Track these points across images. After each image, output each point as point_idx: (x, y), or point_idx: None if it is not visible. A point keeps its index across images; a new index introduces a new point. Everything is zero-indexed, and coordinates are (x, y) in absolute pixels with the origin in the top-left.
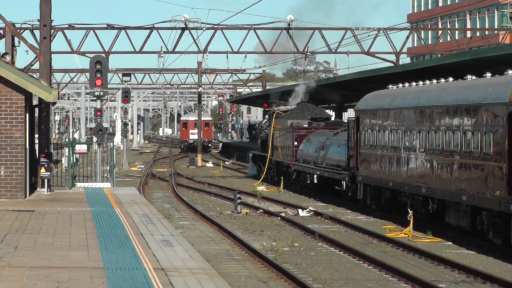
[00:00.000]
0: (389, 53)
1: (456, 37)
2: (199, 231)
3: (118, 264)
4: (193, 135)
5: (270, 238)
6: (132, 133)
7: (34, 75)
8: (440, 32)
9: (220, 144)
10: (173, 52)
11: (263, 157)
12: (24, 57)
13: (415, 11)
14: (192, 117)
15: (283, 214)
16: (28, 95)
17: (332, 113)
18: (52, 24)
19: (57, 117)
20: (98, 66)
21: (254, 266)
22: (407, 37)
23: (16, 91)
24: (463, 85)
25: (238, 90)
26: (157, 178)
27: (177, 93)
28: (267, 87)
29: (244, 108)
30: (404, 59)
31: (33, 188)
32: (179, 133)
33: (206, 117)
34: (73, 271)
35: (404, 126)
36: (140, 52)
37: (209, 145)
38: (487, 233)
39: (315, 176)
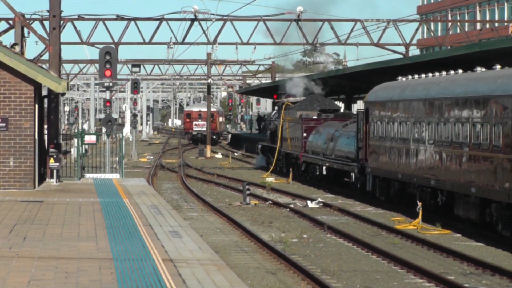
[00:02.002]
0: (399, 44)
1: (466, 29)
2: (208, 222)
3: (127, 255)
4: (197, 126)
5: (279, 230)
6: (141, 124)
7: (44, 66)
8: (449, 24)
9: (229, 136)
10: (182, 43)
11: (272, 148)
12: (33, 47)
13: (425, 3)
14: (195, 108)
15: (292, 206)
16: (37, 86)
17: (341, 105)
18: (62, 15)
19: (67, 108)
20: (108, 57)
21: (263, 257)
22: (417, 29)
23: (26, 82)
24: (473, 77)
25: (248, 81)
26: (166, 169)
27: (186, 84)
28: (277, 79)
29: (253, 99)
30: (414, 51)
31: (42, 179)
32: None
33: (212, 108)
34: (81, 262)
35: (413, 118)
36: (150, 43)
37: (214, 136)
38: (496, 225)
39: (324, 167)
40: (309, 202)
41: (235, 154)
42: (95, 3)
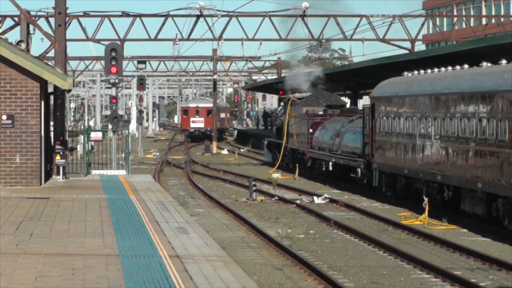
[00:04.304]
0: (404, 40)
1: (472, 24)
2: (214, 219)
3: (134, 251)
4: (195, 123)
5: (285, 226)
6: (147, 120)
7: (49, 63)
8: (455, 19)
9: (235, 132)
10: (188, 39)
11: (278, 144)
12: (39, 44)
13: None
14: (193, 104)
15: (298, 201)
16: (43, 83)
17: (347, 100)
18: (67, 11)
19: (72, 105)
20: (113, 54)
21: (270, 253)
22: (422, 24)
23: (31, 79)
24: (479, 72)
25: (253, 77)
26: (172, 166)
27: (192, 81)
28: (283, 74)
29: (259, 95)
30: (420, 46)
31: (48, 176)
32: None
33: (208, 104)
34: (88, 258)
35: (419, 113)
36: (155, 39)
37: (212, 134)
38: (503, 220)
39: (330, 163)
40: (315, 198)
41: (241, 150)
42: (100, 0)
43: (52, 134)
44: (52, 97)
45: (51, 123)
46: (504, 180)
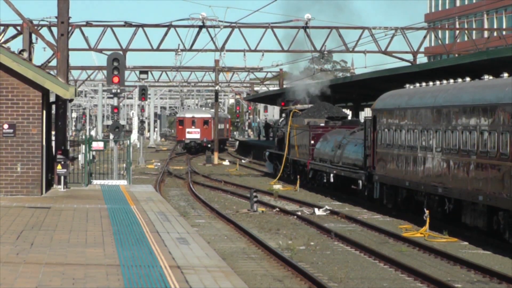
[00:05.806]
0: (406, 52)
1: (474, 37)
2: (215, 229)
3: (134, 261)
4: (190, 134)
5: (286, 237)
6: (148, 130)
7: (52, 72)
8: (457, 32)
9: (237, 143)
10: (190, 50)
11: (280, 155)
12: (41, 54)
13: (433, 10)
14: (189, 114)
15: (299, 213)
16: (45, 92)
17: (349, 112)
18: (70, 21)
19: (74, 114)
20: (115, 64)
21: (270, 264)
22: (425, 37)
23: (33, 88)
24: (480, 85)
25: (255, 88)
26: (173, 176)
27: (194, 91)
28: (284, 86)
29: (261, 106)
30: (421, 59)
31: (49, 185)
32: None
33: (205, 114)
34: (89, 268)
35: (421, 125)
36: (158, 49)
37: (209, 145)
38: (504, 233)
39: (331, 175)
40: (316, 209)
41: (243, 161)
42: (103, 10)
43: (53, 143)
44: (53, 106)
45: (53, 132)
46: (505, 193)
